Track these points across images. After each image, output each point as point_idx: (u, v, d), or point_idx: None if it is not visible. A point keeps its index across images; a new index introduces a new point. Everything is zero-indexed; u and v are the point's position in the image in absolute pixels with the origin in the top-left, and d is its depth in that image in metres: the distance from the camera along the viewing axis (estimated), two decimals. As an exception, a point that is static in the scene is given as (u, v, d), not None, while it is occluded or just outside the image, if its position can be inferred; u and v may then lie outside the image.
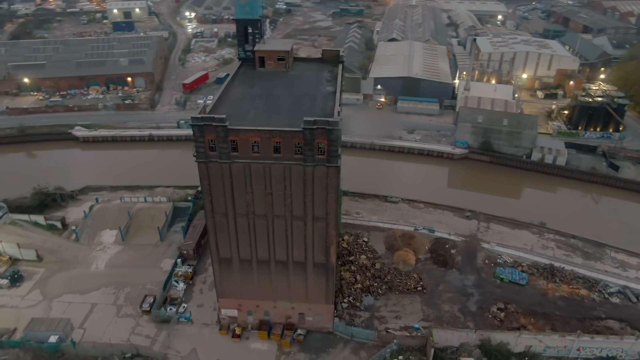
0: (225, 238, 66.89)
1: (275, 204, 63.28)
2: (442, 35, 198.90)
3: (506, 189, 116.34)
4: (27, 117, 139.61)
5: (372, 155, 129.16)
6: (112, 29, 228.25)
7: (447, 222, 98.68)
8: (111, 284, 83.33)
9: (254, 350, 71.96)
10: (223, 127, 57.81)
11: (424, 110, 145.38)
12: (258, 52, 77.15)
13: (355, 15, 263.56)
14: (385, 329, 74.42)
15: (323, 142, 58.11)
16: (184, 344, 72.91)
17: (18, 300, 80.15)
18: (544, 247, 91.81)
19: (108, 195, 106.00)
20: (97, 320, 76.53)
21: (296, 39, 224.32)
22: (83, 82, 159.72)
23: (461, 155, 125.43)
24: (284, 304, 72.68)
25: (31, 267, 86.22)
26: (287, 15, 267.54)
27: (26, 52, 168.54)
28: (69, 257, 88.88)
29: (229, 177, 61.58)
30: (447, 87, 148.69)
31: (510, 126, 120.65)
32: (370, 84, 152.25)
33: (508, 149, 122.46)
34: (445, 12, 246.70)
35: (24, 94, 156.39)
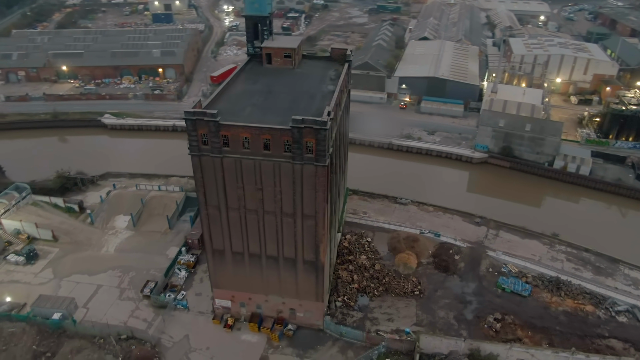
0: (218, 230, 68.45)
1: (266, 199, 64.19)
2: (476, 35, 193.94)
3: (525, 196, 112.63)
4: (61, 104, 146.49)
5: (390, 155, 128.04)
6: (152, 20, 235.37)
7: (455, 227, 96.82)
8: (118, 267, 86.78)
9: (244, 342, 73.43)
10: (214, 122, 59.07)
11: (447, 111, 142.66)
12: (265, 49, 78.09)
13: (392, 12, 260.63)
14: (376, 331, 74.20)
15: (311, 141, 58.40)
16: (178, 330, 75.24)
17: (31, 277, 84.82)
18: (553, 259, 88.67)
19: (126, 182, 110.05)
20: (101, 301, 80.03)
21: (329, 35, 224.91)
22: (117, 72, 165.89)
23: (480, 160, 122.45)
24: (275, 298, 73.71)
25: (47, 247, 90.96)
26: (323, 11, 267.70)
27: (67, 41, 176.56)
28: (82, 239, 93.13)
29: (220, 171, 62.92)
30: (474, 89, 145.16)
31: (532, 132, 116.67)
32: (395, 83, 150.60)
33: (529, 155, 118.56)
34: (484, 11, 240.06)
35: (62, 81, 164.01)
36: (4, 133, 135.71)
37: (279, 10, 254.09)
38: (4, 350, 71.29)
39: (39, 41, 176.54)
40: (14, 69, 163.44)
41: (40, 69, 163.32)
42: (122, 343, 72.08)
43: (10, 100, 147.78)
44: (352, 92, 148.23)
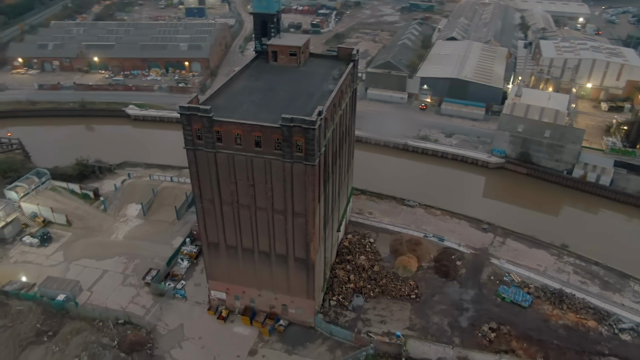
0: (213, 223, 69.85)
1: (258, 195, 65.04)
2: (507, 37, 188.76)
3: (540, 204, 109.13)
4: (90, 93, 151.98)
5: (404, 156, 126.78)
6: (185, 14, 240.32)
7: (461, 232, 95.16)
8: (124, 254, 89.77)
9: (235, 334, 74.78)
10: (208, 118, 60.29)
11: (468, 114, 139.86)
12: (271, 46, 78.82)
13: (425, 11, 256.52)
14: (367, 332, 74.05)
15: (301, 140, 58.76)
16: (174, 318, 77.35)
17: (43, 258, 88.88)
18: (559, 271, 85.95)
19: (141, 172, 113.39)
20: (104, 285, 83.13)
21: (358, 33, 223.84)
22: (145, 64, 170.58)
23: (497, 165, 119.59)
24: (268, 293, 74.65)
25: (60, 230, 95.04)
26: (355, 8, 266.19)
27: (100, 32, 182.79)
28: (94, 225, 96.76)
29: (214, 166, 64.14)
30: (496, 92, 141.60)
31: (552, 138, 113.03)
32: (417, 83, 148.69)
33: (548, 162, 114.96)
34: (520, 12, 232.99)
35: (93, 72, 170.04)
36: (35, 120, 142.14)
37: (311, 7, 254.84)
38: (10, 327, 75.08)
39: (74, 32, 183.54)
40: (49, 58, 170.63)
41: (74, 59, 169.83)
42: (119, 327, 74.71)
43: (43, 89, 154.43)
44: (373, 91, 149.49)
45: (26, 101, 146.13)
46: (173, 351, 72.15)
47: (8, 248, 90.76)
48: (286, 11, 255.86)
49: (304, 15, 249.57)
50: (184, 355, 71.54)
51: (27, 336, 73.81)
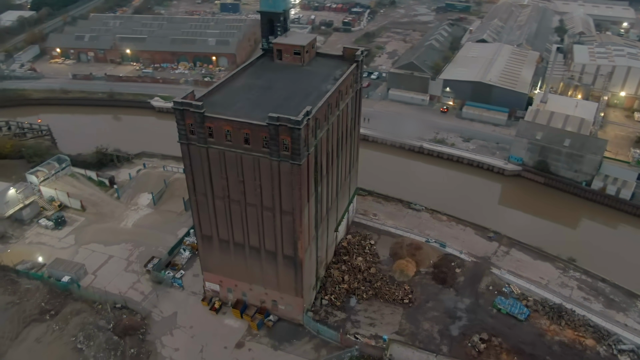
0: (206, 217, 71.49)
1: (247, 192, 66.13)
2: (541, 40, 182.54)
3: (554, 215, 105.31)
4: (119, 84, 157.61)
5: (419, 158, 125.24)
6: (220, 9, 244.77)
7: (465, 239, 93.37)
8: (131, 241, 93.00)
9: (226, 326, 76.35)
10: (200, 114, 61.77)
11: (490, 119, 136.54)
12: (276, 45, 79.63)
13: (461, 11, 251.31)
14: (355, 334, 74.04)
15: (287, 139, 59.34)
16: (169, 306, 79.72)
17: (56, 241, 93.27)
18: (562, 285, 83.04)
19: (157, 163, 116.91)
20: (108, 270, 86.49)
21: (390, 32, 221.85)
22: (174, 58, 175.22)
23: (513, 172, 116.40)
24: (258, 288, 75.80)
25: (74, 215, 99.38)
26: (389, 7, 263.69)
27: (135, 25, 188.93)
28: (106, 212, 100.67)
29: (206, 161, 65.61)
30: (521, 97, 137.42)
31: (571, 148, 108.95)
32: (439, 86, 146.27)
33: (566, 172, 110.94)
34: (559, 14, 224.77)
35: (125, 63, 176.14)
36: (66, 108, 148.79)
37: (344, 5, 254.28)
38: (17, 304, 79.43)
39: (110, 25, 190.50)
40: (85, 49, 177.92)
41: (107, 50, 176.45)
42: (116, 311, 77.70)
43: (76, 79, 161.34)
44: (394, 92, 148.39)
45: (59, 90, 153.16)
46: (164, 338, 74.45)
47: (25, 229, 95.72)
48: (320, 9, 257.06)
49: (337, 13, 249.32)
50: (173, 343, 73.70)
51: (31, 313, 77.88)
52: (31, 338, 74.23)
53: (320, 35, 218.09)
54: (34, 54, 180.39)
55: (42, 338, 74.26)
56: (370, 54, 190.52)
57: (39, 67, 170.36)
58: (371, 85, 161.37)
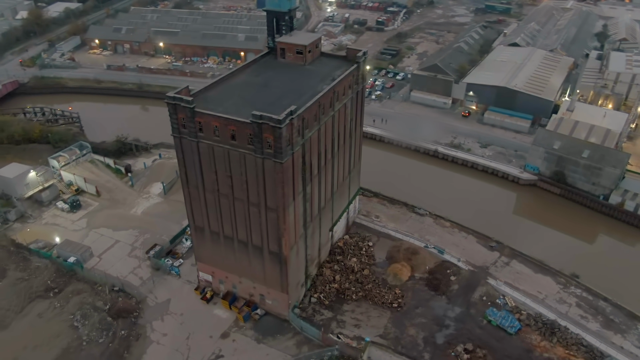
0: (198, 209, 73.72)
1: (235, 186, 67.72)
2: (579, 46, 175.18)
3: (568, 228, 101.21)
4: (149, 76, 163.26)
5: (432, 162, 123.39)
6: (256, 5, 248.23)
7: (466, 247, 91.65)
8: (138, 227, 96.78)
9: (214, 316, 78.48)
10: (190, 109, 63.74)
11: (512, 125, 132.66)
12: (279, 44, 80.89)
13: (501, 13, 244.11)
14: (338, 334, 74.43)
15: (270, 137, 60.38)
16: (164, 292, 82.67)
17: (69, 223, 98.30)
18: (560, 301, 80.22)
19: (173, 154, 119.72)
20: (113, 254, 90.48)
21: (423, 33, 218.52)
22: (205, 52, 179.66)
23: (528, 182, 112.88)
24: (247, 281, 77.42)
25: (89, 200, 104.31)
26: (427, 7, 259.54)
27: (170, 20, 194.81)
28: (119, 198, 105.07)
29: (197, 154, 67.63)
30: (546, 104, 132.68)
31: (590, 159, 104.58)
32: (463, 89, 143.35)
33: (584, 184, 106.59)
34: (604, 19, 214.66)
35: (158, 56, 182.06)
36: (97, 97, 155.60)
37: (381, 4, 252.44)
38: (26, 280, 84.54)
39: (148, 18, 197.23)
40: (121, 41, 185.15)
41: (142, 43, 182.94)
42: (113, 294, 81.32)
43: (110, 69, 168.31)
44: (416, 93, 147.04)
45: (93, 79, 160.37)
46: (155, 322, 77.38)
47: (43, 210, 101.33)
48: (356, 7, 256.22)
49: (373, 12, 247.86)
50: (162, 328, 76.48)
51: (37, 290, 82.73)
52: (34, 313, 78.92)
53: (352, 33, 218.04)
54: (75, 44, 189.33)
55: (44, 314, 78.81)
56: (399, 55, 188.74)
57: (78, 57, 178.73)
58: (395, 86, 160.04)
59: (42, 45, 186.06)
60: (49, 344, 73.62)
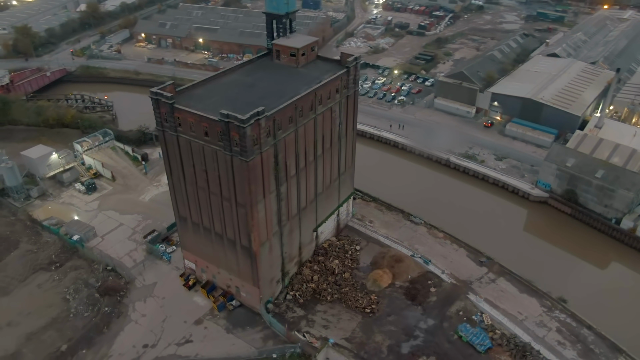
0: (181, 199, 77.58)
1: (210, 181, 70.82)
2: (626, 59, 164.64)
3: (573, 250, 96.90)
4: (184, 70, 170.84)
5: (443, 171, 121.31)
6: (302, 5, 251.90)
7: (454, 259, 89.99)
8: (142, 213, 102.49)
9: (193, 303, 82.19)
10: (169, 105, 67.38)
11: (534, 139, 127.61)
12: (275, 45, 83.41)
13: (553, 21, 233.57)
14: (305, 332, 75.86)
15: (236, 136, 62.81)
16: (152, 276, 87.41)
17: (83, 204, 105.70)
18: (540, 324, 77.19)
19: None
20: (115, 235, 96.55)
21: (465, 39, 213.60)
22: (240, 49, 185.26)
23: (538, 198, 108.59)
24: (224, 272, 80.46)
25: (105, 183, 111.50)
26: (476, 12, 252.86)
27: (213, 17, 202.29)
28: (132, 184, 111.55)
29: (177, 148, 71.26)
30: (573, 119, 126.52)
31: (603, 180, 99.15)
32: (487, 99, 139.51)
33: (596, 206, 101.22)
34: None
35: (197, 52, 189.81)
36: (134, 88, 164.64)
37: (427, 8, 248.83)
38: (34, 252, 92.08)
39: (193, 15, 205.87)
40: (165, 36, 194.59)
41: (183, 38, 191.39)
42: (105, 273, 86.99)
43: (150, 62, 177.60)
44: (440, 101, 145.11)
45: (133, 71, 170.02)
46: (137, 303, 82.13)
47: (63, 190, 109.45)
48: (401, 10, 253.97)
49: (418, 15, 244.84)
50: (143, 309, 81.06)
51: (42, 262, 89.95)
52: (35, 283, 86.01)
53: (392, 37, 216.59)
54: (124, 37, 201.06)
55: (43, 285, 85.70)
56: (434, 60, 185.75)
57: (124, 50, 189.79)
58: (422, 92, 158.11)
59: (94, 37, 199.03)
60: (41, 312, 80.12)
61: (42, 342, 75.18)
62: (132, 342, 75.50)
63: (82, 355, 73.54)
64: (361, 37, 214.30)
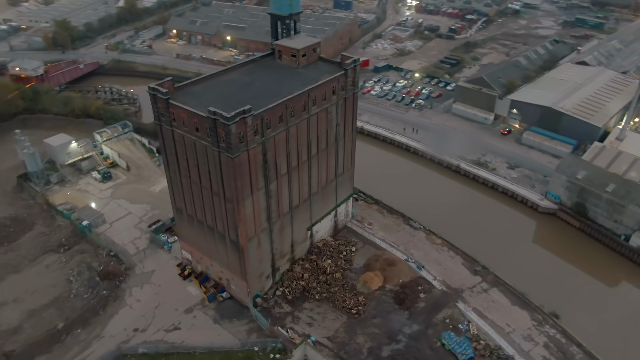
0: (178, 191, 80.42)
1: (202, 175, 73.17)
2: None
3: (579, 264, 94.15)
4: (209, 67, 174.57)
5: (452, 177, 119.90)
6: (333, 5, 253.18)
7: (448, 266, 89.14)
8: (152, 203, 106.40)
9: (186, 292, 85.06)
10: (165, 100, 70.16)
11: (551, 149, 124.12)
12: (277, 46, 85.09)
13: (592, 28, 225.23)
14: (289, 328, 77.23)
15: (222, 133, 64.80)
16: (151, 264, 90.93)
17: (97, 191, 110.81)
18: (527, 338, 75.61)
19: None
20: (122, 223, 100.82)
21: (496, 44, 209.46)
22: (266, 48, 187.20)
23: (547, 210, 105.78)
24: (216, 265, 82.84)
25: (120, 173, 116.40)
26: (511, 17, 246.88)
27: (243, 15, 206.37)
28: (145, 175, 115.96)
29: (173, 141, 74.02)
30: (593, 130, 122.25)
31: (614, 194, 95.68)
32: (506, 106, 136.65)
33: (605, 221, 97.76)
34: None
35: (225, 49, 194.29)
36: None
37: (461, 11, 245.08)
38: (47, 235, 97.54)
39: (224, 13, 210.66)
40: (195, 33, 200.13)
41: (212, 35, 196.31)
42: (108, 258, 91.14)
43: (178, 58, 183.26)
44: (458, 106, 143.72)
45: (161, 66, 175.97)
46: (134, 289, 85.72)
47: (81, 178, 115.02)
48: (434, 13, 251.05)
49: (451, 18, 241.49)
50: (139, 295, 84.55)
51: (52, 245, 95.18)
52: (43, 263, 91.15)
53: (421, 39, 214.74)
54: (157, 33, 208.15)
55: (51, 266, 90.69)
56: (460, 64, 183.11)
57: (155, 45, 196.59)
58: (442, 97, 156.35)
59: (129, 32, 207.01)
60: (45, 291, 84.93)
61: (42, 319, 79.75)
62: (124, 325, 79.00)
63: (77, 334, 77.53)
64: (389, 39, 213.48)
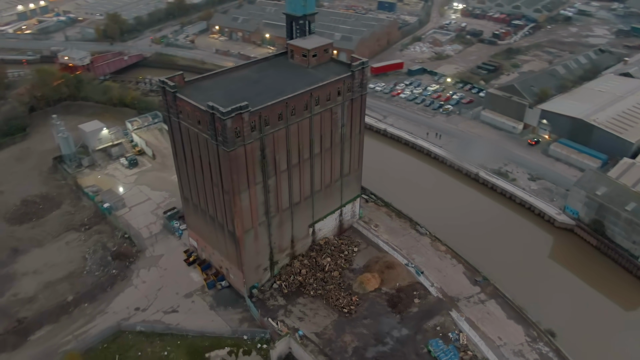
0: (185, 181, 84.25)
1: (204, 166, 76.42)
2: None
3: (592, 283, 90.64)
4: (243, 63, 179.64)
5: (471, 185, 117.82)
6: (377, 7, 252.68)
7: (448, 274, 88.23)
8: (170, 191, 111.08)
9: (189, 278, 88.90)
10: (172, 93, 73.85)
11: (578, 162, 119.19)
12: (289, 46, 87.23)
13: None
14: (279, 321, 79.29)
15: (219, 127, 67.57)
16: (161, 248, 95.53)
17: (123, 177, 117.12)
18: (518, 353, 73.87)
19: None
20: (141, 208, 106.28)
21: (539, 51, 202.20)
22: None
23: (564, 225, 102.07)
24: (217, 253, 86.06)
25: (146, 160, 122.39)
26: (561, 24, 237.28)
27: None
28: (169, 164, 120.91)
29: (180, 133, 77.75)
30: (625, 145, 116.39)
31: (634, 214, 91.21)
32: (536, 115, 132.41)
33: (623, 241, 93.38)
34: None
35: (263, 46, 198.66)
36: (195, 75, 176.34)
37: (508, 16, 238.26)
38: (72, 214, 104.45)
39: (266, 10, 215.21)
40: (236, 29, 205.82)
41: (252, 33, 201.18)
42: (122, 240, 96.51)
43: (217, 53, 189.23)
44: (487, 113, 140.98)
45: (199, 60, 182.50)
46: (142, 271, 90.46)
47: (110, 163, 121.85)
48: (480, 17, 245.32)
49: (497, 23, 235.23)
50: (145, 277, 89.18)
51: (75, 224, 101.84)
52: (64, 240, 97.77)
53: (461, 44, 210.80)
54: (201, 28, 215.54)
55: (71, 243, 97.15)
56: (498, 71, 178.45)
57: (198, 40, 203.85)
58: (473, 103, 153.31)
59: (175, 27, 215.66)
60: (62, 266, 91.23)
61: (55, 291, 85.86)
62: (128, 303, 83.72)
63: (84, 307, 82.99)
64: (428, 42, 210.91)
